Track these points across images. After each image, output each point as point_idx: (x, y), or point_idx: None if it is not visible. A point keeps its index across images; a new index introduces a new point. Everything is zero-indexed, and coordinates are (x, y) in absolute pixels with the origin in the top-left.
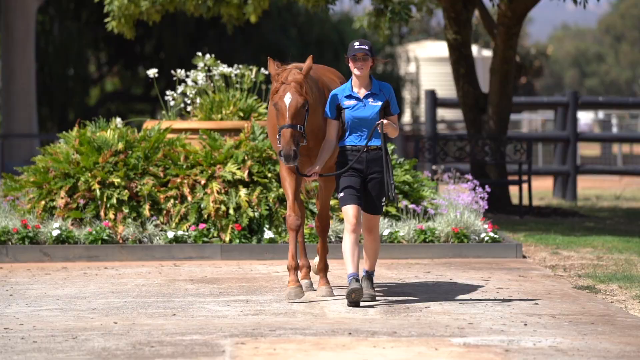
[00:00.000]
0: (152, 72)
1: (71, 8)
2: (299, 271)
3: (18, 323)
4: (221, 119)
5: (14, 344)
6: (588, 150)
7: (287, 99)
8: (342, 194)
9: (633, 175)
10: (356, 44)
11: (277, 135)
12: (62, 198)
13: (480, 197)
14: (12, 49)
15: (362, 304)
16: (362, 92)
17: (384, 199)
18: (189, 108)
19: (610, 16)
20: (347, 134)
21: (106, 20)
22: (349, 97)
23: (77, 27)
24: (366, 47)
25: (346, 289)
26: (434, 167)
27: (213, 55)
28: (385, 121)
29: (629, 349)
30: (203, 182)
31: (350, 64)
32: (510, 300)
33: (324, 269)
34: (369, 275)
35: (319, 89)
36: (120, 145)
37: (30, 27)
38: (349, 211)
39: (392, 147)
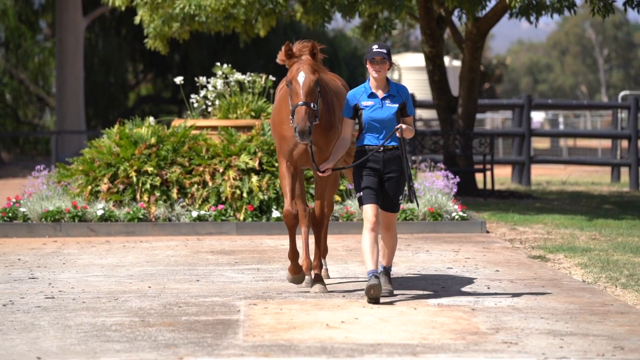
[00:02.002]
0: (179, 79)
1: (113, 26)
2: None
3: (70, 287)
4: (236, 118)
5: (66, 304)
6: (540, 143)
7: (301, 77)
8: (360, 194)
9: (576, 164)
10: (375, 47)
11: (280, 126)
12: (105, 184)
13: (452, 183)
14: (64, 61)
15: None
16: (379, 94)
17: (401, 197)
18: (209, 109)
19: (557, 33)
20: (364, 134)
21: (145, 40)
22: (367, 97)
23: (118, 43)
24: (384, 51)
25: (366, 285)
26: (413, 157)
27: (229, 65)
28: (404, 126)
29: (572, 307)
30: (221, 170)
31: (369, 66)
32: (476, 268)
33: (318, 267)
34: (387, 270)
35: (331, 92)
36: (153, 140)
37: (79, 42)
38: (368, 210)
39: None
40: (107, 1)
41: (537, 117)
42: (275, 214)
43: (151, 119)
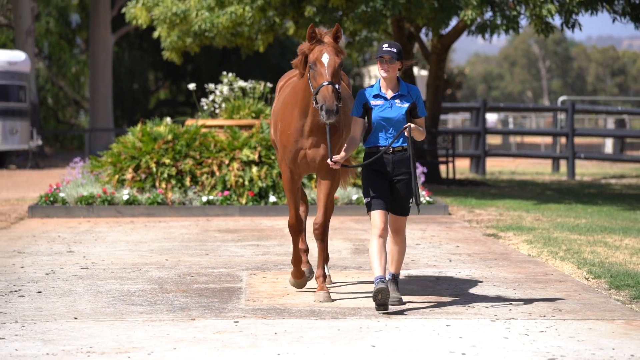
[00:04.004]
0: (192, 86)
1: (136, 42)
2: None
3: (100, 259)
4: (239, 118)
5: (98, 274)
6: (493, 140)
7: (325, 58)
8: (368, 199)
9: (523, 157)
10: (385, 45)
11: (279, 122)
12: (129, 173)
13: (420, 172)
14: (96, 71)
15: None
16: (389, 93)
17: (411, 200)
18: (217, 110)
19: (507, 48)
20: (373, 134)
21: (163, 53)
22: (377, 97)
23: (141, 55)
24: (394, 50)
25: (373, 290)
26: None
27: (234, 74)
28: (412, 125)
29: (519, 276)
30: (227, 162)
31: (378, 65)
32: (439, 244)
33: (322, 276)
34: (395, 278)
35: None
36: (170, 136)
37: (108, 55)
38: (377, 217)
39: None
40: (131, 20)
41: (491, 118)
42: (272, 198)
43: (168, 119)
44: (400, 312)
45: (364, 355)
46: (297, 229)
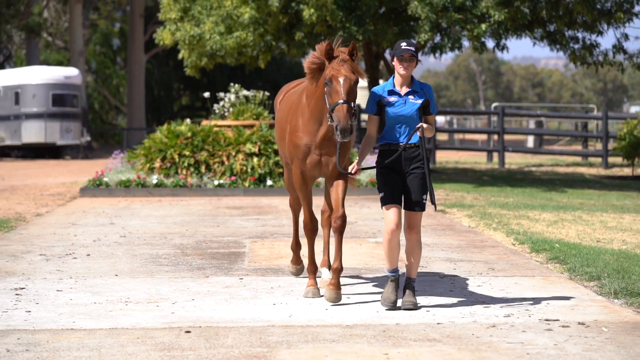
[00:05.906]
0: (207, 94)
1: (164, 60)
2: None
3: (136, 229)
4: (243, 120)
5: (133, 240)
6: (441, 137)
7: (342, 76)
8: (382, 194)
9: (464, 150)
10: (403, 44)
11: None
12: (158, 162)
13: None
14: (132, 83)
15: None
16: (403, 90)
17: (424, 196)
18: (226, 113)
19: (452, 65)
20: (387, 131)
21: (185, 70)
22: (391, 94)
23: (167, 70)
24: (413, 49)
25: (383, 291)
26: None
27: (239, 85)
28: (425, 125)
29: (462, 243)
30: (233, 154)
31: (396, 63)
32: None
33: (338, 270)
34: (411, 283)
35: None
36: (189, 134)
37: (141, 70)
38: (390, 215)
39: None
40: (159, 42)
41: (440, 119)
42: (269, 182)
43: (188, 120)
44: (370, 272)
45: (341, 302)
46: (312, 228)
